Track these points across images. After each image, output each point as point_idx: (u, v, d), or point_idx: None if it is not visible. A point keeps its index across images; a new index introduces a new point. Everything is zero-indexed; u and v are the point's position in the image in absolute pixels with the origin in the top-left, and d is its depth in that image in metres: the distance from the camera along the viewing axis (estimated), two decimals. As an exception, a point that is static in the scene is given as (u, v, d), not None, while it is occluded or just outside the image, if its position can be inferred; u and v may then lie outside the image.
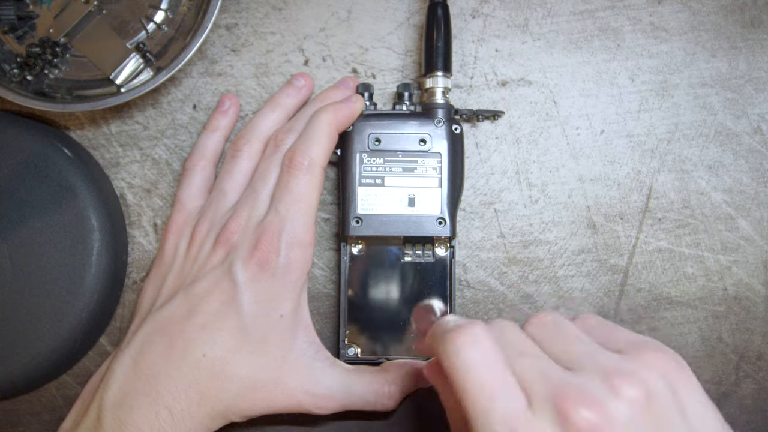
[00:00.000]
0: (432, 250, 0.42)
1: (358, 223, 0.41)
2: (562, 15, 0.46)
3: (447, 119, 0.42)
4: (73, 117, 0.45)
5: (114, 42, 0.44)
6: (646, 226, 0.45)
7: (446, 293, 0.42)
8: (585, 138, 0.45)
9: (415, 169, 0.41)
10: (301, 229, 0.38)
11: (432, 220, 0.41)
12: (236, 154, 0.42)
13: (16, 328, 0.41)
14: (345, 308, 0.42)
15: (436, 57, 0.42)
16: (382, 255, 0.42)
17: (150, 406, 0.35)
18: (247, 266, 0.37)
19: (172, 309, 0.38)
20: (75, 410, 0.38)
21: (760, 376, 0.45)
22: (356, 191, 0.41)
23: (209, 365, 0.36)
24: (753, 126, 0.45)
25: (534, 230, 0.45)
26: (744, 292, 0.45)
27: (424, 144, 0.41)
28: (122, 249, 0.44)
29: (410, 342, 0.42)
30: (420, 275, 0.42)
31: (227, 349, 0.37)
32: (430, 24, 0.42)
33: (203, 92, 0.46)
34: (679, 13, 0.46)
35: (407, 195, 0.41)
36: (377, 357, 0.42)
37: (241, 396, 0.37)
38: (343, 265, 0.42)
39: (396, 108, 0.43)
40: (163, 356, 0.36)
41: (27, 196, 0.42)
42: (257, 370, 0.37)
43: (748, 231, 0.45)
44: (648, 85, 0.45)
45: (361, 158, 0.41)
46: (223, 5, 0.43)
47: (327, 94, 0.43)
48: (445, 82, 0.42)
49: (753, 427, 0.44)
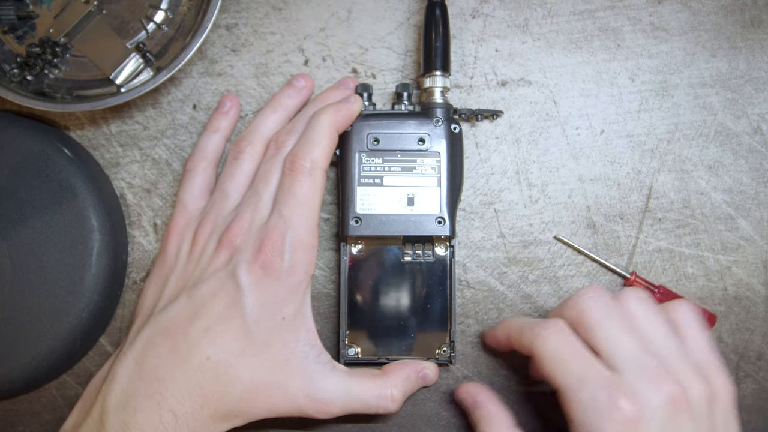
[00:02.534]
0: (432, 250, 0.42)
1: (358, 222, 0.41)
2: (562, 15, 0.46)
3: (446, 119, 0.42)
4: (73, 117, 0.45)
5: (114, 42, 0.44)
6: (646, 226, 0.45)
7: (446, 293, 0.42)
8: (585, 138, 0.45)
9: (414, 168, 0.41)
10: (304, 232, 0.38)
11: (431, 219, 0.41)
12: (238, 156, 0.42)
13: (16, 328, 0.41)
14: (345, 309, 0.42)
15: (435, 57, 0.42)
16: (382, 255, 0.42)
17: (153, 408, 0.35)
18: (251, 269, 0.37)
19: (176, 311, 0.38)
20: (76, 411, 0.38)
21: (760, 376, 0.45)
22: (355, 191, 0.41)
23: (213, 368, 0.36)
24: (753, 126, 0.45)
25: (534, 230, 0.45)
26: (744, 292, 0.45)
27: (423, 143, 0.41)
28: (122, 249, 0.44)
29: (410, 342, 0.42)
30: (420, 275, 0.42)
31: (231, 352, 0.37)
32: (429, 24, 0.42)
33: (203, 92, 0.46)
34: (679, 13, 0.46)
35: (406, 194, 0.41)
36: (378, 357, 0.42)
37: (243, 399, 0.37)
38: (343, 265, 0.42)
39: (395, 108, 0.43)
40: (166, 359, 0.36)
41: (27, 196, 0.42)
42: (260, 374, 0.37)
43: (748, 231, 0.45)
44: (648, 85, 0.45)
45: (360, 158, 0.41)
46: (223, 5, 0.43)
47: (326, 94, 0.43)
48: (444, 82, 0.42)
49: (753, 427, 0.44)
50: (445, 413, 0.44)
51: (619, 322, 0.36)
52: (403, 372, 0.40)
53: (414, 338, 0.42)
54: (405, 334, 0.42)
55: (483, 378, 0.44)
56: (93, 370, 0.45)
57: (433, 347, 0.42)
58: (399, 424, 0.44)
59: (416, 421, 0.44)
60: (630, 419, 0.32)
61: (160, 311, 0.39)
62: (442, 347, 0.42)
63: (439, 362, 0.42)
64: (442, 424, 0.44)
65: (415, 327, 0.42)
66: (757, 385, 0.45)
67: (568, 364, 0.34)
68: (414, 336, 0.42)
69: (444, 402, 0.44)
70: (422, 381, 0.41)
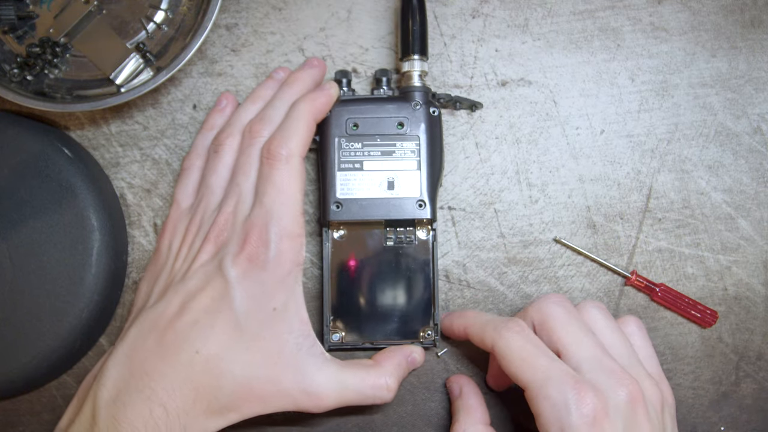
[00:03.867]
0: (414, 234, 0.42)
1: (338, 207, 0.41)
2: (562, 15, 0.46)
3: (424, 102, 0.42)
4: (73, 117, 0.45)
5: (114, 42, 0.44)
6: (646, 226, 0.45)
7: (429, 277, 0.42)
8: (585, 138, 0.45)
9: (394, 152, 0.41)
10: (288, 220, 0.38)
11: (412, 202, 0.41)
12: (218, 149, 0.42)
13: (16, 328, 0.41)
14: (329, 294, 0.42)
15: (412, 40, 0.42)
16: (365, 240, 0.42)
17: (144, 402, 0.35)
18: (237, 262, 0.37)
19: (164, 306, 0.38)
20: (71, 408, 0.38)
21: (760, 376, 0.45)
22: (335, 176, 0.41)
23: (203, 362, 0.36)
24: (753, 126, 0.45)
25: (534, 230, 0.45)
26: (744, 292, 0.45)
27: (402, 127, 0.41)
28: (122, 249, 0.44)
29: (395, 326, 0.42)
30: (403, 259, 0.42)
31: (221, 345, 0.36)
32: (406, 7, 0.42)
33: (203, 92, 0.46)
34: (679, 13, 0.46)
35: (386, 178, 0.41)
36: (362, 342, 0.42)
37: (236, 393, 0.37)
38: (326, 251, 0.42)
39: (374, 93, 0.43)
40: (155, 353, 0.36)
41: (27, 196, 0.42)
42: (252, 367, 0.37)
43: (748, 231, 0.45)
44: (648, 85, 0.45)
45: (340, 143, 0.41)
46: (223, 5, 0.43)
47: (296, 76, 0.43)
48: (422, 66, 0.42)
49: (753, 427, 0.44)
50: (445, 413, 0.44)
51: (581, 327, 0.37)
52: (395, 359, 0.40)
53: (398, 322, 0.42)
54: (389, 319, 0.42)
55: (483, 378, 0.44)
56: (93, 370, 0.45)
57: (417, 330, 0.42)
58: (399, 424, 0.44)
59: (416, 421, 0.44)
60: (596, 413, 0.33)
61: (149, 307, 0.39)
62: (426, 330, 0.42)
63: (423, 345, 0.42)
64: (442, 424, 0.44)
65: (399, 311, 0.42)
66: (757, 385, 0.45)
67: (533, 362, 0.35)
68: (398, 320, 0.42)
69: (444, 402, 0.44)
70: (411, 365, 0.41)
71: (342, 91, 0.42)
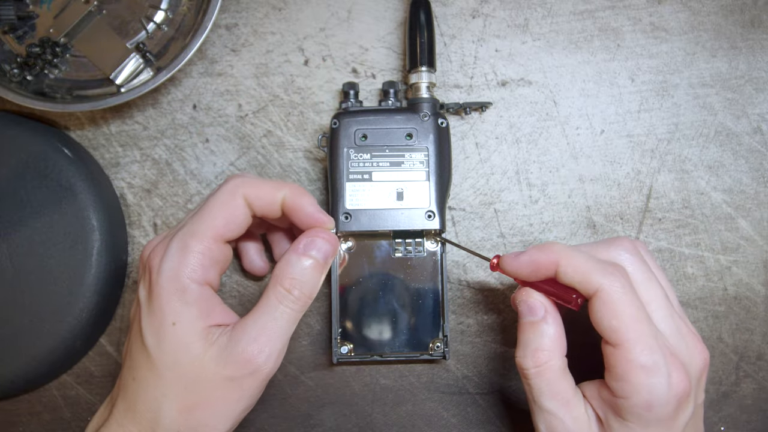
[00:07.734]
0: (423, 245, 0.42)
1: (347, 218, 0.41)
2: (562, 15, 0.46)
3: (433, 113, 0.42)
4: (73, 117, 0.45)
5: (114, 42, 0.44)
6: (646, 226, 0.45)
7: (438, 288, 0.42)
8: (585, 138, 0.45)
9: (403, 163, 0.41)
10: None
11: (421, 213, 0.41)
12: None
13: (16, 328, 0.41)
14: (337, 306, 0.42)
15: (420, 53, 0.42)
16: (373, 251, 0.42)
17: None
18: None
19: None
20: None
21: (760, 376, 0.45)
22: (344, 187, 0.41)
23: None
24: (753, 126, 0.45)
25: (534, 230, 0.45)
26: (744, 292, 0.45)
27: (411, 138, 0.41)
28: (122, 249, 0.44)
29: (404, 338, 0.42)
30: (411, 270, 0.42)
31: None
32: (414, 20, 0.42)
33: (203, 92, 0.46)
34: (679, 13, 0.46)
35: (395, 189, 0.41)
36: (371, 355, 0.42)
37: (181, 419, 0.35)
38: (334, 262, 0.42)
39: (381, 104, 0.43)
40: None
41: (27, 196, 0.42)
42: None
43: (748, 231, 0.45)
44: (648, 85, 0.45)
45: (348, 154, 0.41)
46: (223, 5, 0.43)
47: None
48: (430, 77, 0.42)
49: (753, 427, 0.44)
50: (445, 413, 0.44)
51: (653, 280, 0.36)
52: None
53: (407, 334, 0.42)
54: (398, 331, 0.42)
55: (483, 378, 0.44)
56: (93, 370, 0.45)
57: (426, 342, 0.42)
58: (399, 424, 0.44)
59: (416, 421, 0.44)
60: (685, 392, 0.34)
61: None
62: (436, 342, 0.42)
63: (433, 357, 0.42)
64: (442, 424, 0.44)
65: (408, 323, 0.42)
66: (757, 385, 0.45)
67: (635, 324, 0.34)
68: (407, 332, 0.42)
69: (444, 402, 0.44)
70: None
71: (350, 102, 0.42)
